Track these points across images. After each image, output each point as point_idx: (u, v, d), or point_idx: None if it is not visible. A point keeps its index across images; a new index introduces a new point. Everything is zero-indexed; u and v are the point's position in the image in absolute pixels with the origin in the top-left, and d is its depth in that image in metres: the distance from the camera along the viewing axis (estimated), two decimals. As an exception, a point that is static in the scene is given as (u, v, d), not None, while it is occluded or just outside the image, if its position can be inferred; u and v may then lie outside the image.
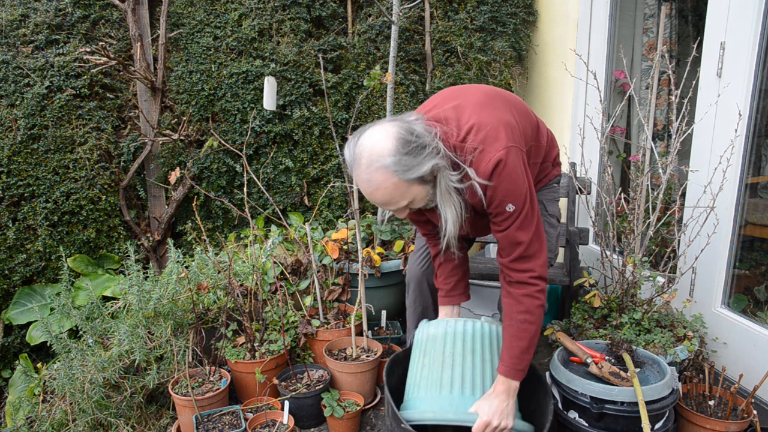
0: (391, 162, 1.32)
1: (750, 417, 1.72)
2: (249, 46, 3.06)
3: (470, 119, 1.45)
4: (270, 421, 1.95)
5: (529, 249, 1.48)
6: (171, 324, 2.16)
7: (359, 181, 1.38)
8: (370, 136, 1.37)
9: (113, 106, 3.05)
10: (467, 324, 1.61)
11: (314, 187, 3.18)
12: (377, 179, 1.34)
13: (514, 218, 1.45)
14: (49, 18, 2.95)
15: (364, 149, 1.35)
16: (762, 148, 2.21)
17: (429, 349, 1.61)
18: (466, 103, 1.51)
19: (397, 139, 1.34)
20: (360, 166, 1.36)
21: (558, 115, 3.17)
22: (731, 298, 2.19)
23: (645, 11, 2.97)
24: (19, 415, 2.20)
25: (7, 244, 2.79)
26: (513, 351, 1.49)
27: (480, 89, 1.60)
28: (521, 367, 1.49)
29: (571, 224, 2.58)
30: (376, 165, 1.33)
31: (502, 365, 1.51)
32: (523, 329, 1.48)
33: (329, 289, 2.56)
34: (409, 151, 1.34)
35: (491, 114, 1.47)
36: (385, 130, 1.37)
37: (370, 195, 1.39)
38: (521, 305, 1.49)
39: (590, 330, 2.13)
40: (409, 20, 3.18)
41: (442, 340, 1.59)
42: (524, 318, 1.48)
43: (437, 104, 1.56)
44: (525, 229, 1.47)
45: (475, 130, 1.43)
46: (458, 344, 1.57)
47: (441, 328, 1.62)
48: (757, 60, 1.96)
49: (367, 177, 1.35)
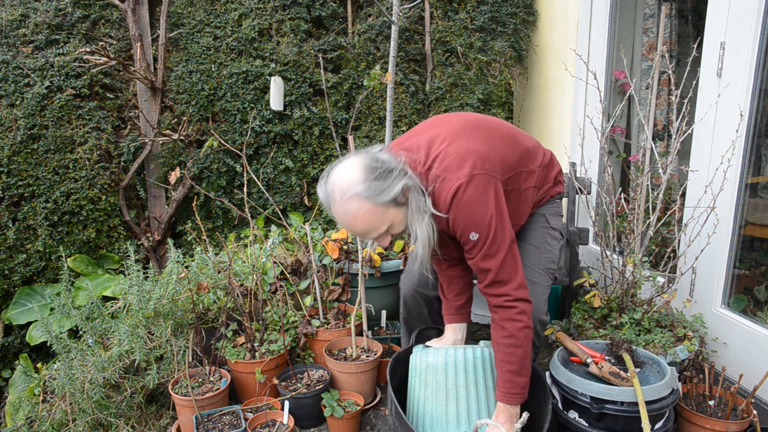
0: (362, 189, 1.36)
1: (750, 417, 1.72)
2: (249, 46, 3.06)
3: (439, 148, 1.48)
4: (270, 421, 1.95)
5: (499, 275, 1.46)
6: (171, 324, 2.16)
7: (337, 215, 1.42)
8: (338, 172, 1.41)
9: (113, 106, 3.05)
10: (467, 352, 1.59)
11: (314, 187, 3.18)
12: (352, 208, 1.38)
13: (480, 246, 1.45)
14: (49, 18, 2.95)
15: (335, 185, 1.39)
16: (762, 148, 2.21)
17: (430, 380, 1.58)
18: (441, 132, 1.52)
19: (364, 168, 1.38)
20: (334, 201, 1.39)
21: (558, 115, 3.17)
22: (731, 298, 2.19)
23: (645, 11, 2.97)
24: (19, 415, 2.20)
25: (7, 244, 2.79)
26: (505, 376, 1.49)
27: (462, 118, 1.60)
28: (516, 391, 1.48)
29: (571, 224, 2.58)
30: (348, 195, 1.37)
31: (498, 392, 1.51)
32: (509, 353, 1.47)
33: (329, 289, 2.56)
34: (377, 176, 1.38)
35: (461, 143, 1.47)
36: (351, 163, 1.41)
37: (349, 226, 1.43)
38: (504, 330, 1.48)
39: (590, 330, 2.13)
40: (409, 20, 3.18)
41: (444, 372, 1.57)
42: (509, 342, 1.47)
43: (417, 132, 1.60)
44: (492, 256, 1.45)
45: (440, 159, 1.45)
46: (460, 376, 1.56)
47: (441, 357, 1.58)
48: (757, 60, 1.96)
49: (343, 209, 1.39)
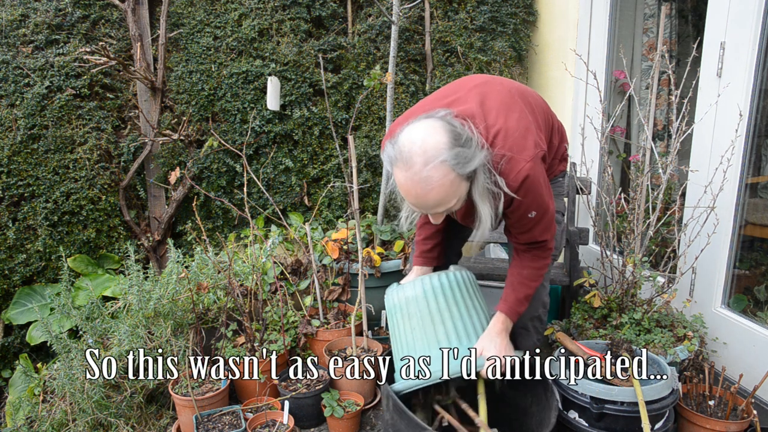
0: (450, 156, 1.24)
1: (750, 417, 1.72)
2: (249, 46, 3.06)
3: (497, 122, 1.40)
4: (270, 421, 1.95)
5: (546, 240, 1.56)
6: (171, 324, 2.16)
7: (411, 182, 1.27)
8: (418, 133, 1.26)
9: (113, 106, 3.05)
10: (441, 278, 1.60)
11: (314, 187, 3.18)
12: (436, 177, 1.24)
13: (536, 222, 1.49)
14: (49, 18, 2.95)
15: (415, 146, 1.24)
16: (762, 148, 2.21)
17: (413, 310, 1.59)
18: (492, 103, 1.45)
19: (447, 132, 1.26)
20: (413, 164, 1.24)
21: (558, 115, 3.14)
22: (731, 298, 2.19)
23: (645, 11, 2.97)
24: (19, 415, 2.20)
25: (7, 244, 2.79)
26: (518, 294, 1.58)
27: (504, 87, 1.55)
28: (520, 310, 1.59)
29: (571, 224, 2.58)
30: (436, 160, 1.23)
31: (504, 305, 1.57)
32: (533, 279, 1.58)
33: (329, 289, 2.56)
34: (462, 142, 1.26)
35: (518, 119, 1.44)
36: (430, 125, 1.28)
37: (422, 196, 1.28)
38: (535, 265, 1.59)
39: (590, 330, 2.13)
40: (409, 20, 3.18)
41: (424, 300, 1.58)
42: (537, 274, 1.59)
43: (460, 97, 1.49)
44: (547, 229, 1.54)
45: (503, 136, 1.39)
46: (440, 300, 1.57)
47: (418, 287, 1.59)
48: (757, 60, 1.96)
49: (423, 176, 1.24)
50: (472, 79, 1.59)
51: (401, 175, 1.28)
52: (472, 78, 1.62)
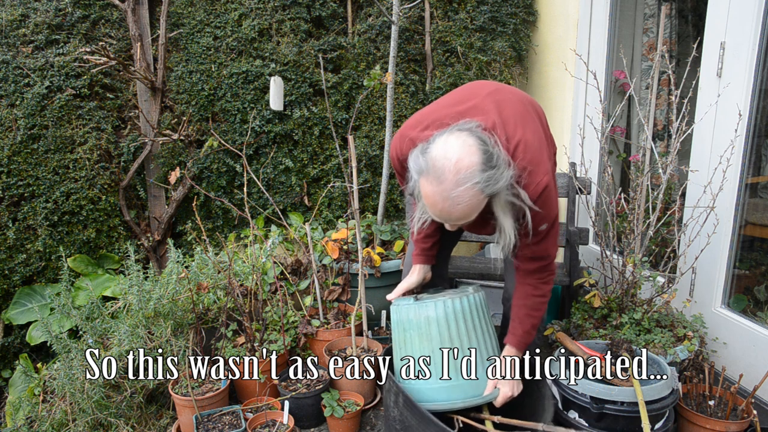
0: (482, 179, 1.26)
1: (750, 417, 1.72)
2: (249, 46, 3.06)
3: (516, 133, 1.42)
4: (270, 421, 1.95)
5: (550, 255, 1.58)
6: (171, 324, 2.16)
7: (439, 197, 1.29)
8: (450, 150, 1.27)
9: (113, 106, 3.05)
10: (463, 301, 1.64)
11: (314, 187, 3.18)
12: (465, 197, 1.27)
13: (543, 235, 1.50)
14: (49, 18, 2.95)
15: (448, 164, 1.26)
16: (762, 148, 2.21)
17: (434, 332, 1.62)
18: (509, 112, 1.47)
19: (481, 151, 1.28)
20: (444, 180, 1.26)
21: (558, 115, 3.17)
22: (731, 298, 2.19)
23: (645, 11, 2.97)
24: (19, 415, 2.20)
25: (7, 244, 2.79)
26: (525, 326, 1.63)
27: (516, 96, 1.56)
28: (528, 341, 1.65)
29: (571, 224, 2.58)
30: (468, 183, 1.26)
31: (513, 338, 1.63)
32: (537, 306, 1.62)
33: (329, 289, 2.56)
34: (493, 164, 1.28)
35: (534, 131, 1.46)
36: (465, 142, 1.29)
37: (447, 211, 1.31)
38: (538, 290, 1.61)
39: (590, 330, 2.13)
40: (409, 20, 3.18)
41: (446, 323, 1.62)
42: (541, 301, 1.62)
43: (476, 105, 1.50)
44: (555, 244, 1.56)
45: (523, 148, 1.40)
46: (461, 325, 1.62)
47: (440, 309, 1.63)
48: (757, 60, 1.96)
49: (454, 194, 1.27)
50: (483, 86, 1.60)
51: (429, 188, 1.30)
52: (483, 85, 1.62)
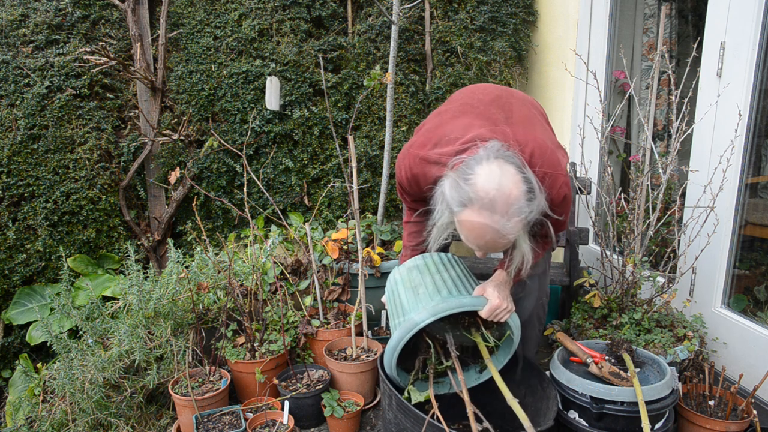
0: (528, 210, 1.27)
1: (750, 417, 1.72)
2: (249, 46, 3.06)
3: (527, 139, 1.42)
4: (270, 421, 1.95)
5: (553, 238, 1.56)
6: (171, 324, 2.16)
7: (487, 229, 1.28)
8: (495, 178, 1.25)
9: (113, 106, 3.05)
10: (441, 254, 1.73)
11: (314, 187, 3.18)
12: (512, 228, 1.27)
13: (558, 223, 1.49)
14: (49, 18, 2.95)
15: (500, 196, 1.24)
16: (762, 148, 2.21)
17: (414, 277, 1.64)
18: (516, 117, 1.47)
19: (523, 181, 1.28)
20: (494, 213, 1.25)
21: (558, 115, 3.17)
22: (731, 298, 2.19)
23: (645, 11, 2.97)
24: (19, 415, 2.20)
25: (7, 244, 2.79)
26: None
27: (518, 98, 1.55)
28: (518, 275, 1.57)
29: (571, 224, 2.58)
30: (519, 216, 1.26)
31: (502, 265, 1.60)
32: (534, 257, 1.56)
33: (329, 289, 2.56)
34: (534, 194, 1.29)
35: (542, 131, 1.46)
36: (506, 170, 1.28)
37: (492, 242, 1.31)
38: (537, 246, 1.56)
39: (590, 330, 2.13)
40: (409, 20, 3.18)
41: (425, 267, 1.66)
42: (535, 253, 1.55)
43: (482, 112, 1.48)
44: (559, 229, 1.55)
45: (539, 154, 1.40)
46: (440, 265, 1.67)
47: (419, 259, 1.71)
48: (757, 60, 1.96)
49: (502, 226, 1.26)
50: (484, 92, 1.58)
51: (475, 219, 1.28)
52: (483, 91, 1.60)
